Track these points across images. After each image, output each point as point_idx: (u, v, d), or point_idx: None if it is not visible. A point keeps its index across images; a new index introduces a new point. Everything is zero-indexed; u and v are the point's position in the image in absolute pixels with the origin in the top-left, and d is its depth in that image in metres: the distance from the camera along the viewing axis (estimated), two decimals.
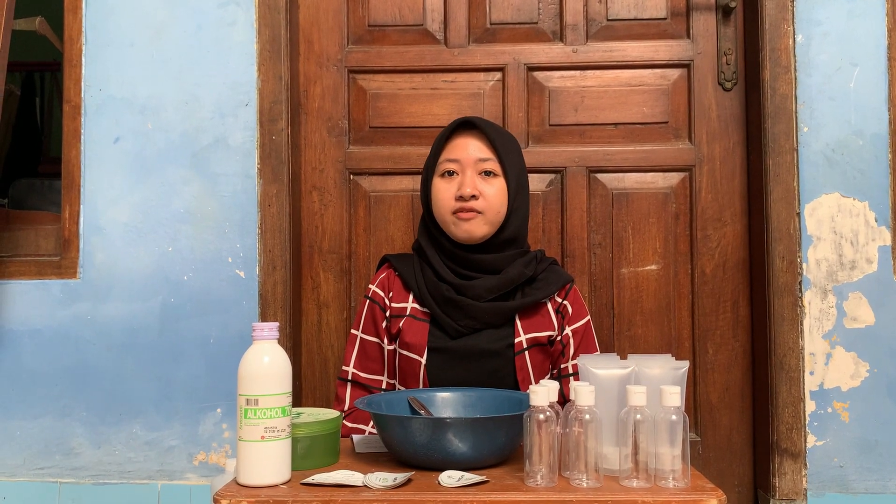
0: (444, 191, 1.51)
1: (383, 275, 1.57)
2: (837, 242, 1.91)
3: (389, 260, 1.59)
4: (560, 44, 2.06)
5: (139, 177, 2.01)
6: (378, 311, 1.53)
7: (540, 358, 1.48)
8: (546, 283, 1.52)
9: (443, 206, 1.51)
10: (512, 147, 1.57)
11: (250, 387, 1.09)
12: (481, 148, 1.52)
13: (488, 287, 1.47)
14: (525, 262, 1.52)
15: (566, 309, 1.52)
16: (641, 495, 1.04)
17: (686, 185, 2.03)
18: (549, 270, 1.55)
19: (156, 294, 1.99)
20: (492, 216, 1.50)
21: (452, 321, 1.46)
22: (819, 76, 1.93)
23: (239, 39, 2.00)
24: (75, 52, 2.02)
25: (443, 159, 1.53)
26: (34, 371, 1.99)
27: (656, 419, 1.08)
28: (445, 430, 1.12)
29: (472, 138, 1.53)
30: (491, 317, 1.47)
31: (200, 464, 1.97)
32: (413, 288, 1.51)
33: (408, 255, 1.59)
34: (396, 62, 2.07)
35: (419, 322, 1.49)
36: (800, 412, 1.88)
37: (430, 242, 1.55)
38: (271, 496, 1.06)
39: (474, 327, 1.47)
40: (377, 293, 1.55)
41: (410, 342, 1.48)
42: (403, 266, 1.55)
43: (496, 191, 1.51)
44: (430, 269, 1.51)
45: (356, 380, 1.51)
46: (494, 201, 1.50)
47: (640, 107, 2.04)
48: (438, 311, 1.47)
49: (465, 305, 1.46)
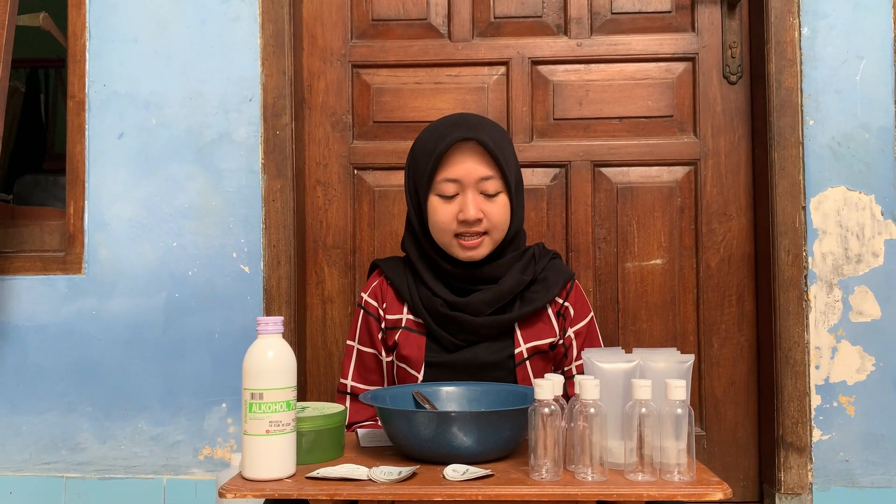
0: (443, 213, 1.39)
1: (375, 283, 1.48)
2: (843, 236, 1.90)
3: (380, 266, 1.50)
4: (564, 37, 2.06)
5: (143, 172, 2.01)
6: (373, 322, 1.46)
7: (541, 365, 1.42)
8: (545, 286, 1.42)
9: (442, 229, 1.39)
10: (510, 151, 1.43)
11: (255, 381, 1.09)
12: (482, 165, 1.37)
13: (485, 301, 1.39)
14: (523, 267, 1.42)
15: (567, 311, 1.45)
16: (647, 489, 1.03)
17: (691, 178, 2.03)
18: (548, 269, 1.45)
19: (160, 289, 1.99)
20: (497, 235, 1.41)
21: (449, 335, 1.39)
22: (825, 69, 1.92)
23: (242, 34, 2.00)
24: (79, 47, 2.02)
25: (441, 178, 1.38)
26: (40, 366, 2.00)
27: (661, 413, 1.07)
28: (450, 424, 1.12)
29: (472, 154, 1.38)
30: (489, 330, 1.39)
31: (206, 458, 1.97)
32: (407, 299, 1.43)
33: (398, 260, 1.50)
34: (400, 56, 2.07)
35: (415, 334, 1.42)
36: (805, 406, 1.88)
37: (420, 257, 1.44)
38: (276, 490, 1.05)
39: (472, 341, 1.40)
40: (370, 303, 1.46)
41: (407, 356, 1.41)
42: (395, 275, 1.46)
43: (500, 208, 1.40)
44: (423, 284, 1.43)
45: (356, 393, 1.45)
46: (499, 220, 1.40)
47: (644, 100, 2.04)
48: (434, 326, 1.40)
49: (462, 321, 1.38)
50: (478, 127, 1.40)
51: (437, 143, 1.39)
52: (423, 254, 1.44)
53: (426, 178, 1.40)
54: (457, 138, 1.38)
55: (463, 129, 1.39)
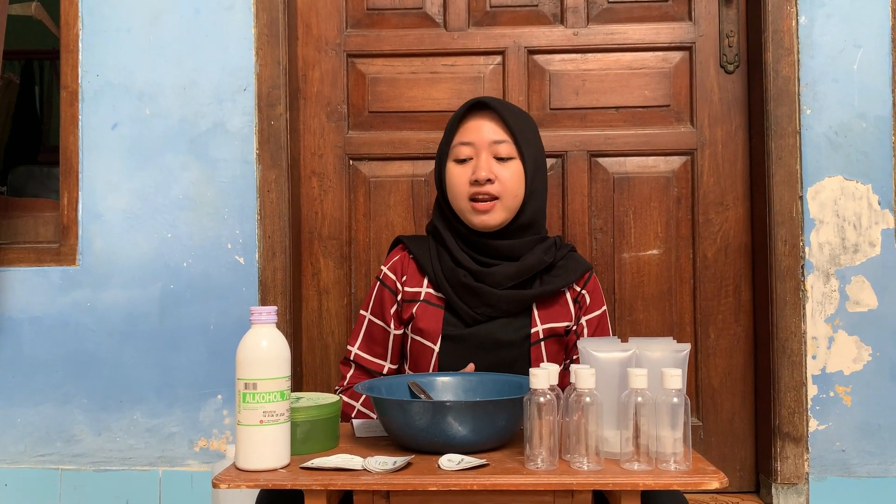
0: (458, 176, 1.46)
1: (396, 257, 1.52)
2: (840, 226, 1.90)
3: (403, 241, 1.54)
4: (561, 26, 2.04)
5: (138, 163, 1.99)
6: (387, 295, 1.49)
7: (555, 349, 1.45)
8: (565, 271, 1.47)
9: (458, 192, 1.46)
10: (528, 126, 1.50)
11: (249, 371, 1.09)
12: (495, 129, 1.46)
13: (508, 274, 1.43)
14: (544, 249, 1.47)
15: (584, 298, 1.48)
16: (643, 478, 1.03)
17: (688, 168, 2.02)
18: (567, 258, 1.50)
19: (155, 281, 1.98)
20: (509, 201, 1.45)
21: (469, 308, 1.43)
22: (822, 58, 1.91)
23: (237, 24, 1.99)
24: (72, 37, 2.00)
25: (456, 143, 1.48)
26: (35, 358, 1.99)
27: (657, 402, 1.07)
28: (445, 414, 1.11)
29: (486, 119, 1.47)
30: (509, 304, 1.43)
31: (201, 450, 1.97)
32: (429, 272, 1.47)
33: (422, 238, 1.55)
34: (396, 46, 2.05)
35: (434, 308, 1.45)
36: (802, 396, 1.88)
37: (446, 226, 1.49)
38: (270, 480, 1.05)
39: (491, 315, 1.43)
40: (388, 276, 1.50)
41: (424, 328, 1.44)
42: (418, 248, 1.50)
43: (512, 174, 1.45)
44: (447, 254, 1.47)
45: (358, 361, 1.49)
46: (511, 185, 1.44)
47: (641, 90, 2.03)
48: (454, 298, 1.43)
49: (482, 293, 1.42)
50: (495, 99, 1.52)
51: (457, 114, 1.51)
52: (448, 223, 1.51)
53: (446, 144, 1.50)
54: (472, 102, 1.50)
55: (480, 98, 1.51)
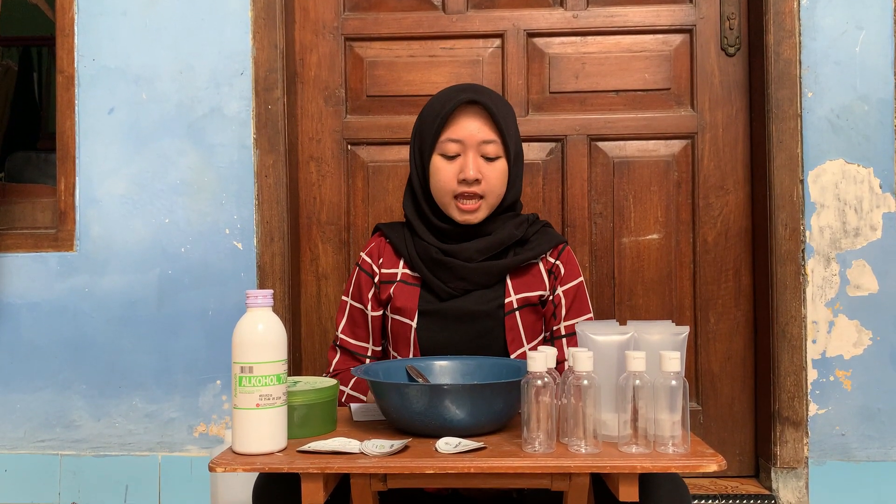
0: (445, 171, 1.46)
1: (374, 243, 1.56)
2: (841, 209, 1.89)
3: (381, 228, 1.58)
4: (560, 9, 2.03)
5: (135, 148, 1.98)
6: (364, 279, 1.52)
7: (531, 319, 1.47)
8: (538, 244, 1.50)
9: (443, 188, 1.46)
10: (512, 121, 1.51)
11: (245, 354, 1.08)
12: (485, 128, 1.45)
13: (479, 248, 1.46)
14: (516, 224, 1.49)
15: (558, 269, 1.50)
16: (641, 461, 1.03)
17: (688, 152, 2.01)
18: (541, 232, 1.52)
19: (153, 266, 1.97)
20: (492, 199, 1.47)
21: (443, 283, 1.45)
22: (824, 40, 1.89)
23: (233, 7, 1.97)
24: (67, 21, 1.99)
25: (444, 138, 1.46)
26: (33, 344, 1.99)
27: (656, 385, 1.06)
28: (443, 397, 1.11)
29: (476, 117, 1.46)
30: (481, 276, 1.45)
31: (201, 435, 1.97)
32: (403, 253, 1.50)
33: (399, 224, 1.57)
34: (394, 29, 2.04)
35: (410, 287, 1.48)
36: (801, 381, 1.87)
37: (416, 215, 1.51)
38: (267, 464, 1.05)
39: (465, 288, 1.46)
40: (365, 260, 1.54)
41: (401, 306, 1.47)
42: (394, 233, 1.53)
43: (498, 173, 1.47)
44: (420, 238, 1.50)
45: (343, 345, 1.53)
46: (496, 184, 1.46)
47: (641, 73, 2.01)
48: (429, 275, 1.46)
49: (455, 267, 1.44)
50: (484, 93, 1.49)
51: (443, 105, 1.47)
52: (421, 214, 1.51)
53: (431, 137, 1.47)
54: (463, 100, 1.46)
55: (470, 93, 1.47)
